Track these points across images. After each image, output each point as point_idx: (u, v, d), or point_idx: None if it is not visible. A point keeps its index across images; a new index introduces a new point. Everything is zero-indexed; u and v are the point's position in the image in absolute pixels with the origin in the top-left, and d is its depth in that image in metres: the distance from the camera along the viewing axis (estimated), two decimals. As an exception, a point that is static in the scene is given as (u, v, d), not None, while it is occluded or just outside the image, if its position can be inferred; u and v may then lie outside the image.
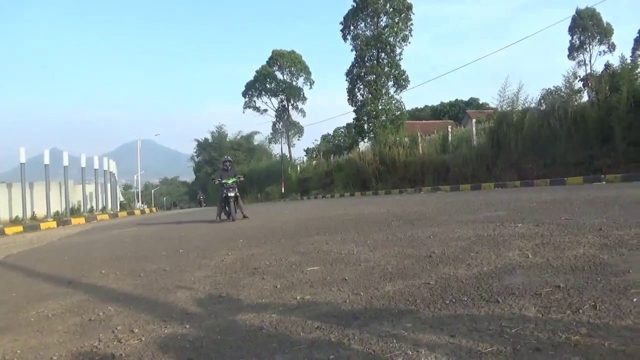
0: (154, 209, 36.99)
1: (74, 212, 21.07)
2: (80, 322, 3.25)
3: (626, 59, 15.80)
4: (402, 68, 32.71)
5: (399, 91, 33.32)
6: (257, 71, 53.05)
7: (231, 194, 11.13)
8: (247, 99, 54.10)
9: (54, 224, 17.22)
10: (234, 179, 11.50)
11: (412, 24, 32.75)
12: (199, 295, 3.70)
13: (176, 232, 9.87)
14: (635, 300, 2.36)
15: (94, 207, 23.90)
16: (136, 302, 3.67)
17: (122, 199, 37.71)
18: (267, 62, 52.49)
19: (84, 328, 3.10)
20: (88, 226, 16.48)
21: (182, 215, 18.80)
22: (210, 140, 61.11)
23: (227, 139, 60.17)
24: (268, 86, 52.98)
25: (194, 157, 65.30)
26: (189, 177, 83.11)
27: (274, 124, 53.92)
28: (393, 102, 33.11)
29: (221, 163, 12.51)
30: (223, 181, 11.36)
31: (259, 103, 54.27)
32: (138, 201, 45.93)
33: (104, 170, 24.55)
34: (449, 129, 20.44)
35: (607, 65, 15.83)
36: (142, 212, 29.15)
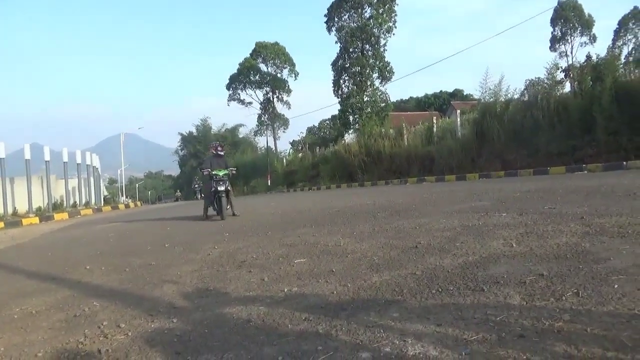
0: (138, 203, 36.56)
1: (57, 207, 20.74)
2: (65, 318, 3.22)
3: (613, 50, 16.02)
4: (386, 60, 32.73)
5: (383, 83, 33.35)
6: (240, 63, 52.53)
7: (221, 188, 9.57)
8: (231, 92, 53.59)
9: (36, 220, 16.93)
10: (226, 171, 9.90)
11: (396, 16, 32.73)
12: (185, 289, 3.68)
13: (162, 227, 9.79)
14: (616, 286, 2.42)
15: (77, 202, 23.55)
16: (122, 297, 3.64)
17: (106, 193, 37.21)
18: (250, 54, 52.02)
19: (69, 324, 3.07)
20: (71, 221, 16.24)
21: (166, 210, 18.64)
22: (194, 134, 60.47)
23: (212, 132, 59.63)
24: (252, 78, 52.51)
25: (179, 150, 64.64)
26: (174, 170, 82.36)
27: (259, 117, 53.58)
28: (378, 93, 33.13)
29: (212, 148, 10.60)
30: (213, 172, 9.71)
31: (243, 96, 53.82)
32: (122, 195, 45.39)
33: (87, 165, 24.16)
34: (434, 120, 20.53)
35: (589, 57, 16.02)
36: (127, 206, 28.81)
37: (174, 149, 66.46)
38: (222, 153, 10.42)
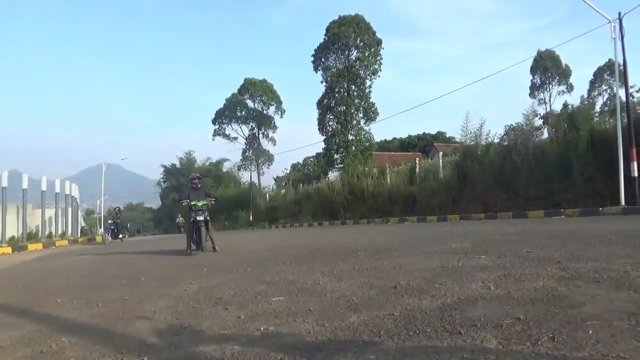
0: (116, 235, 35.77)
1: (32, 237, 20.19)
2: (31, 355, 3.09)
3: (587, 100, 16.70)
4: (371, 100, 33.47)
5: (368, 123, 33.99)
6: (227, 99, 53.12)
7: (200, 218, 9.30)
8: (217, 126, 53.91)
9: (8, 250, 16.40)
10: (205, 202, 9.60)
11: (381, 59, 33.74)
12: (159, 325, 3.58)
13: (138, 260, 9.59)
14: (590, 332, 2.43)
15: (53, 233, 22.98)
16: (92, 333, 3.52)
17: (83, 224, 36.46)
18: (238, 90, 52.69)
19: (35, 361, 2.94)
20: (45, 252, 15.80)
21: (146, 244, 18.30)
22: (178, 166, 60.20)
23: (196, 165, 59.43)
24: (239, 114, 53.01)
25: (161, 182, 64.06)
26: (155, 203, 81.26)
27: (244, 152, 53.75)
28: (362, 133, 33.68)
29: (188, 181, 10.52)
30: (192, 203, 9.48)
31: (228, 130, 54.15)
32: (100, 227, 44.50)
33: (66, 194, 23.72)
34: (417, 161, 20.87)
35: (566, 105, 16.75)
36: (104, 238, 28.19)
37: (156, 181, 65.91)
38: (199, 186, 10.16)
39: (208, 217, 9.58)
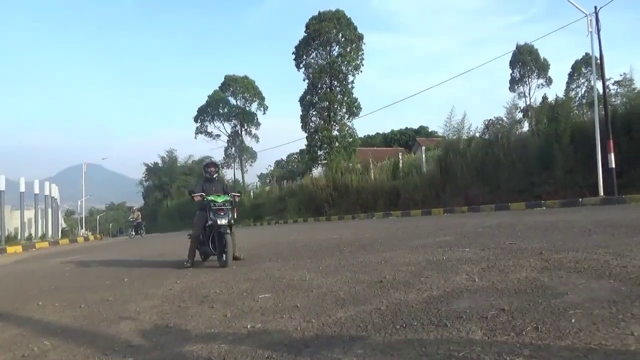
0: (98, 235, 35.29)
1: (10, 239, 19.78)
2: (12, 359, 3.03)
3: (567, 92, 16.96)
4: (354, 96, 33.49)
5: (351, 118, 34.02)
6: (209, 96, 52.60)
7: (223, 221, 6.55)
8: (199, 124, 53.35)
9: (-14, 253, 16.08)
10: (227, 198, 6.89)
11: (363, 54, 33.75)
12: (144, 326, 3.54)
13: (121, 260, 9.46)
14: (573, 321, 2.47)
15: (33, 235, 22.55)
16: (75, 335, 3.46)
17: (64, 225, 35.84)
18: (219, 87, 52.19)
19: (16, 365, 2.89)
20: (25, 255, 15.49)
21: (129, 246, 18.05)
22: (160, 165, 59.48)
23: (178, 164, 58.82)
24: (221, 111, 52.53)
25: (143, 181, 63.28)
26: (137, 202, 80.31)
27: (227, 149, 53.32)
28: (346, 129, 33.71)
29: (203, 169, 7.66)
30: (210, 198, 6.73)
31: (211, 128, 53.60)
32: (82, 228, 43.80)
33: (45, 195, 23.28)
34: (400, 156, 20.98)
35: (545, 98, 16.97)
36: (86, 239, 27.78)
37: (138, 180, 65.08)
38: (216, 177, 7.53)
39: (233, 220, 6.87)
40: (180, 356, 2.70)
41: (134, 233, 26.94)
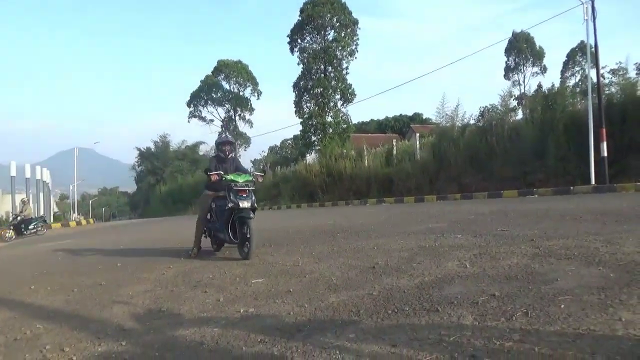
0: (91, 220, 35.16)
1: (2, 224, 19.67)
2: (5, 342, 3.03)
3: (562, 81, 16.97)
4: (348, 82, 33.30)
5: (345, 104, 33.86)
6: (202, 80, 52.09)
7: (246, 204, 5.70)
8: (192, 109, 52.90)
9: (-23, 237, 15.99)
10: (249, 177, 6.00)
11: (358, 39, 33.49)
12: (137, 310, 3.55)
13: (114, 245, 9.44)
14: (562, 306, 2.51)
15: (25, 219, 22.41)
16: (68, 319, 3.47)
17: (56, 209, 35.66)
18: (212, 71, 51.68)
19: (9, 349, 2.89)
20: (17, 239, 15.44)
21: (123, 231, 18.00)
22: (153, 150, 59.08)
23: (171, 149, 58.47)
24: (214, 96, 52.06)
25: (136, 166, 62.91)
26: (130, 187, 79.95)
27: (220, 134, 52.95)
28: (340, 115, 33.57)
29: (216, 147, 6.71)
30: (230, 177, 5.88)
31: (204, 113, 53.15)
32: (74, 212, 43.62)
33: (37, 180, 23.12)
34: (394, 143, 20.96)
35: (540, 86, 16.94)
36: (78, 223, 27.68)
37: (130, 165, 64.68)
38: (229, 155, 6.52)
39: (256, 204, 6.00)
40: (173, 340, 2.71)
41: (13, 234, 16.58)
